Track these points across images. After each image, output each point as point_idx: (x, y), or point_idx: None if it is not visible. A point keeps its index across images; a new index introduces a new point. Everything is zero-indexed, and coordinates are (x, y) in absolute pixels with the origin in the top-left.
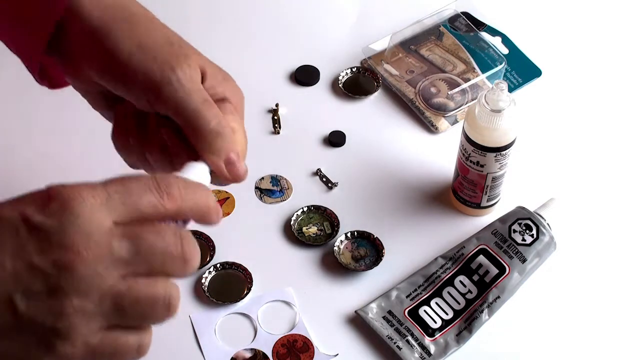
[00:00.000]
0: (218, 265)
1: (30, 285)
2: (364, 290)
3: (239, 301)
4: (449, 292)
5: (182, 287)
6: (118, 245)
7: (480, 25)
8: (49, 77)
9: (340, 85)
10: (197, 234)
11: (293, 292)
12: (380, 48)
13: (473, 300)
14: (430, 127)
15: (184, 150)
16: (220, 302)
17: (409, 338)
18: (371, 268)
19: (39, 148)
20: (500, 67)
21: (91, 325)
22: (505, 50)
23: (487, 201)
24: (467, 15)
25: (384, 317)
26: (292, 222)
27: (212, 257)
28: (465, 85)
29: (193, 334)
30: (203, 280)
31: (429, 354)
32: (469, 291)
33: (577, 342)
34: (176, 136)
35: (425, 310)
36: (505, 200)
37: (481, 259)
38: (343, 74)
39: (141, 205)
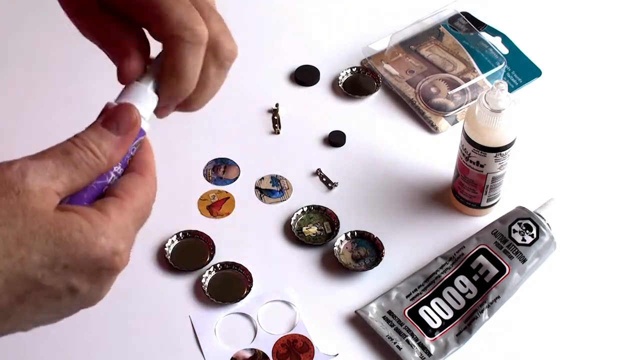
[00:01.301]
0: (218, 265)
1: (50, 322)
2: (364, 290)
3: (239, 301)
4: (449, 292)
5: (182, 287)
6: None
7: (480, 25)
8: None
9: (340, 85)
10: (197, 234)
11: (293, 292)
12: (380, 48)
13: (473, 300)
14: (430, 127)
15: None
16: (220, 302)
17: (409, 338)
18: (371, 268)
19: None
20: (500, 67)
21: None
22: (505, 50)
23: (487, 201)
24: (467, 15)
25: (384, 317)
26: (292, 222)
27: (212, 257)
28: (465, 85)
29: (193, 334)
30: (203, 280)
31: (429, 354)
32: (469, 291)
33: (577, 342)
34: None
35: (425, 310)
36: (505, 200)
37: (481, 259)
38: (343, 74)
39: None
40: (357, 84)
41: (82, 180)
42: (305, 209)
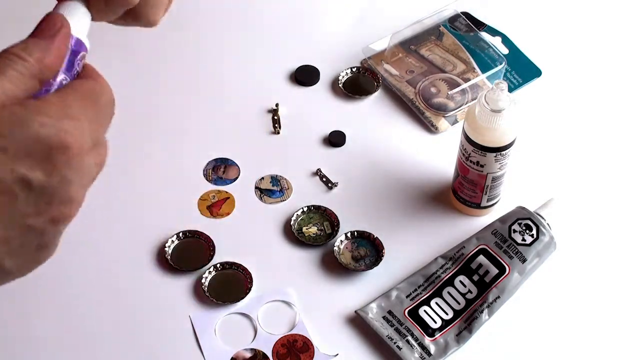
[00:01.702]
0: (218, 265)
1: (22, 243)
2: (364, 290)
3: (239, 301)
4: (449, 292)
5: (182, 287)
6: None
7: (480, 25)
8: None
9: (340, 85)
10: (197, 234)
11: (293, 292)
12: (380, 48)
13: (473, 300)
14: (430, 127)
15: None
16: (220, 302)
17: (409, 338)
18: (371, 268)
19: None
20: (500, 67)
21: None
22: (505, 50)
23: (487, 201)
24: (467, 15)
25: (384, 317)
26: (292, 222)
27: (212, 257)
28: (465, 85)
29: (193, 334)
30: (203, 280)
31: (429, 354)
32: (469, 291)
33: (577, 342)
34: None
35: (425, 310)
36: (505, 200)
37: (481, 259)
38: (343, 74)
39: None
40: (357, 84)
41: (15, 87)
42: (305, 209)
